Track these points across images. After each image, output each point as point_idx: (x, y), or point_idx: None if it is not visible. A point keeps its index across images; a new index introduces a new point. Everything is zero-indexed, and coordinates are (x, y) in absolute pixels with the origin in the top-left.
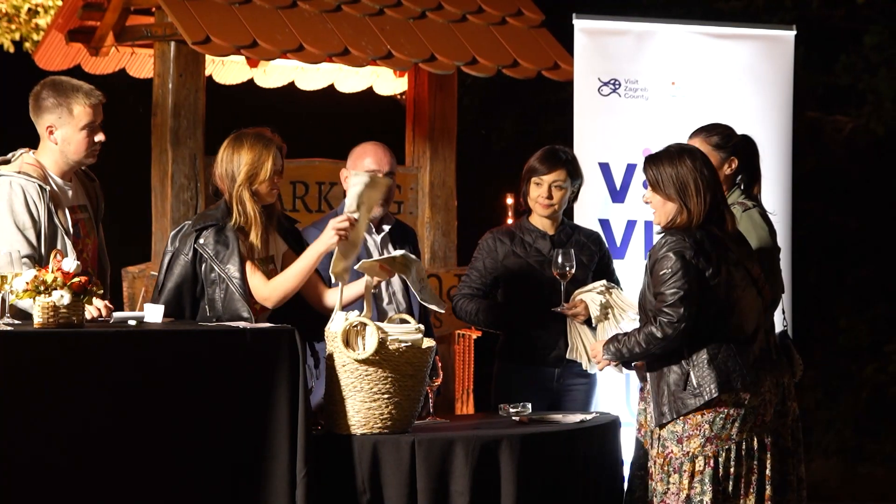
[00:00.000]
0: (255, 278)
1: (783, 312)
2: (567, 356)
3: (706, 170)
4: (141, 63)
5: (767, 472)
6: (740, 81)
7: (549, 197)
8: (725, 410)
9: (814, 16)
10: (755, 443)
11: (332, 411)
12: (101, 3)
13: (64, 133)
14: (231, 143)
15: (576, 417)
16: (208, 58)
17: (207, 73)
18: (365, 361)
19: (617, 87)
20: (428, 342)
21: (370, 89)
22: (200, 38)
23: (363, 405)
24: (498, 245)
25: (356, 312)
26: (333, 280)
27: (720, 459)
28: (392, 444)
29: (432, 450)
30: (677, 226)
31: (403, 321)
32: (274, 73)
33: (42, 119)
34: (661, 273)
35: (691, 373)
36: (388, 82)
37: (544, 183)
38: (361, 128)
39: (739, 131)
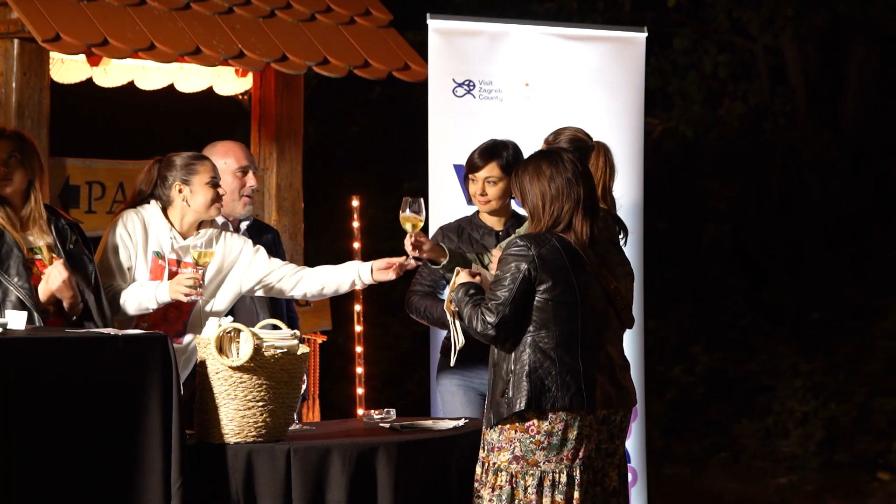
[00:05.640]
0: None
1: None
2: None
3: (560, 178)
4: None
5: None
6: (592, 83)
7: (484, 193)
8: (536, 436)
9: (625, 18)
10: (564, 476)
11: (204, 419)
12: None
13: None
14: None
15: (448, 424)
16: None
17: None
18: (239, 368)
19: (471, 88)
20: (303, 348)
21: (210, 89)
22: (50, 36)
23: (237, 413)
24: (446, 242)
25: (230, 318)
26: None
27: (521, 482)
28: (267, 453)
29: (308, 458)
30: (531, 231)
31: (275, 327)
32: (113, 73)
33: None
34: (496, 273)
35: (511, 381)
36: (229, 82)
37: (478, 179)
38: (203, 128)
39: (592, 133)
